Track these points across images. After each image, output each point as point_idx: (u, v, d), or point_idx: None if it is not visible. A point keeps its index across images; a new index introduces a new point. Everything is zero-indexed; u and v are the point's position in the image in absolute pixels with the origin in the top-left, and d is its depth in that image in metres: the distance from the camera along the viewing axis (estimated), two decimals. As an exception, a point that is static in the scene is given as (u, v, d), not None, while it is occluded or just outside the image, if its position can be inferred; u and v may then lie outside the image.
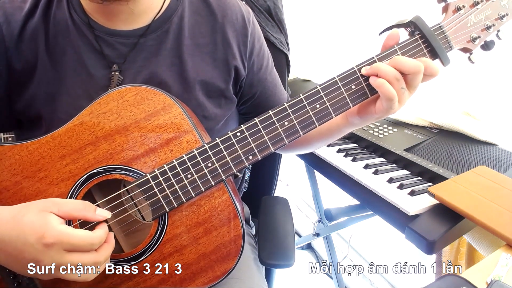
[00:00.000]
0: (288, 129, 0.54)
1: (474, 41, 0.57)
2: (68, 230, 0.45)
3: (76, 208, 0.47)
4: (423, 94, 0.93)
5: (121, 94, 0.54)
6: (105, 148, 0.53)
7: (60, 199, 0.49)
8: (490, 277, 0.48)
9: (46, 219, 0.45)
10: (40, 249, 0.44)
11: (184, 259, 0.55)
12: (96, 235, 0.47)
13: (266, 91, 0.71)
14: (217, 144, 0.53)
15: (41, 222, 0.44)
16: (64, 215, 0.47)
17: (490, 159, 0.79)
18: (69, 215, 0.47)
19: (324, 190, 1.43)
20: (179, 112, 0.54)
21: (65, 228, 0.45)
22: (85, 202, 0.49)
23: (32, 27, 0.58)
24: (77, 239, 0.45)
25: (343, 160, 0.90)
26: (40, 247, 0.44)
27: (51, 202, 0.47)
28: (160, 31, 0.61)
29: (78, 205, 0.48)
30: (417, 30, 0.54)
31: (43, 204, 0.46)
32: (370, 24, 1.25)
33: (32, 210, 0.45)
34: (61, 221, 0.46)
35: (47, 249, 0.44)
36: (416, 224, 0.66)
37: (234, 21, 0.64)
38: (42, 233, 0.44)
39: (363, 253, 1.63)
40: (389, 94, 0.51)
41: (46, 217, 0.45)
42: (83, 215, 0.48)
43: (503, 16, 0.57)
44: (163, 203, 0.53)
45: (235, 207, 0.55)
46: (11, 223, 0.45)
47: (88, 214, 0.48)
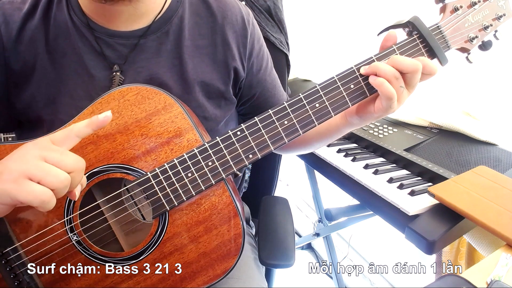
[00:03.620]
0: (288, 128, 0.54)
1: (471, 41, 0.57)
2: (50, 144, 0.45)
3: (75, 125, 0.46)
4: (423, 94, 0.93)
5: (122, 94, 0.54)
6: (106, 147, 0.54)
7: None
8: (490, 277, 0.48)
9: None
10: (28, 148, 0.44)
11: (184, 258, 0.55)
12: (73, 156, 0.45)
13: (265, 92, 0.71)
14: (218, 143, 0.53)
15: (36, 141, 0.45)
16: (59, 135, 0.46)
17: (490, 159, 0.79)
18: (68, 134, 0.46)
19: (324, 190, 1.43)
20: (180, 112, 0.54)
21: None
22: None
23: (31, 29, 0.58)
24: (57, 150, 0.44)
25: (343, 160, 0.90)
26: (29, 147, 0.44)
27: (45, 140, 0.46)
28: (160, 32, 0.61)
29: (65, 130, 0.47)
30: (415, 30, 0.54)
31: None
32: (369, 24, 1.25)
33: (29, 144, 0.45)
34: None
35: (33, 147, 0.44)
36: (416, 224, 0.66)
37: (234, 23, 0.64)
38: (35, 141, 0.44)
39: (363, 253, 1.63)
40: (389, 93, 0.51)
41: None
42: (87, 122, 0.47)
43: (500, 17, 0.58)
44: (164, 201, 0.53)
45: (235, 206, 0.55)
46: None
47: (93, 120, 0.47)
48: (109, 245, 0.59)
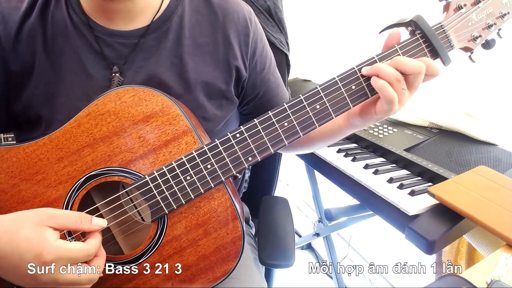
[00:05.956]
0: (288, 130, 0.53)
1: (475, 40, 0.56)
2: (65, 245, 0.44)
3: (72, 221, 0.47)
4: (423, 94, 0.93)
5: (119, 95, 0.53)
6: (103, 150, 0.53)
7: (55, 210, 0.47)
8: (490, 277, 0.48)
9: (42, 235, 0.44)
10: (38, 266, 0.43)
11: (183, 261, 0.55)
12: (91, 245, 0.47)
13: (269, 91, 0.71)
14: (216, 145, 0.53)
15: (38, 239, 0.43)
16: (60, 227, 0.46)
17: (490, 159, 0.79)
18: (65, 227, 0.47)
19: (324, 190, 1.43)
20: (178, 113, 0.54)
21: (62, 243, 0.44)
22: (81, 213, 0.49)
23: (29, 27, 0.57)
24: (75, 253, 0.44)
25: (343, 160, 0.89)
26: (38, 264, 0.43)
27: (47, 215, 0.46)
28: (160, 31, 0.60)
29: (73, 217, 0.47)
30: (418, 30, 0.53)
31: (38, 217, 0.45)
32: (370, 24, 1.25)
33: (27, 223, 0.44)
34: (57, 235, 0.45)
35: (46, 266, 0.43)
36: (416, 224, 0.65)
37: (235, 21, 0.64)
38: (39, 251, 0.43)
39: (363, 253, 1.63)
40: (390, 96, 0.50)
41: (42, 232, 0.44)
42: (80, 227, 0.47)
43: (504, 15, 0.57)
44: (162, 205, 0.53)
45: (234, 209, 0.54)
46: (5, 237, 0.43)
47: (84, 225, 0.48)
48: (108, 247, 0.58)
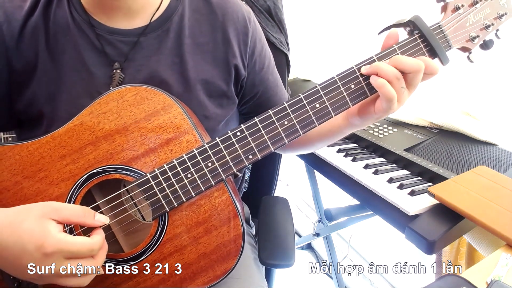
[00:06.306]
0: (288, 129, 0.54)
1: (473, 40, 0.57)
2: (68, 238, 0.44)
3: (75, 214, 0.47)
4: (423, 94, 0.93)
5: (121, 94, 0.54)
6: (105, 148, 0.53)
7: (59, 203, 0.48)
8: (490, 277, 0.48)
9: (45, 227, 0.44)
10: (39, 257, 0.43)
11: (184, 259, 0.55)
12: (95, 241, 0.47)
13: (268, 91, 0.71)
14: (217, 143, 0.53)
15: (40, 230, 0.44)
16: (63, 221, 0.46)
17: (490, 159, 0.79)
18: (68, 221, 0.47)
19: (324, 190, 1.43)
20: (179, 112, 0.54)
21: (64, 236, 0.44)
22: (84, 207, 0.49)
23: (31, 26, 0.58)
24: (77, 246, 0.45)
25: (343, 160, 0.90)
26: (39, 255, 0.43)
27: (50, 208, 0.46)
28: (161, 30, 0.61)
29: (77, 211, 0.47)
30: (416, 30, 0.54)
31: (42, 210, 0.45)
32: (369, 24, 1.25)
33: (31, 216, 0.45)
34: (60, 228, 0.45)
35: (47, 257, 0.43)
36: (416, 224, 0.65)
37: (235, 20, 0.64)
38: (41, 242, 0.43)
39: (363, 253, 1.63)
40: (389, 94, 0.51)
41: (45, 224, 0.44)
42: (82, 221, 0.48)
43: (502, 16, 0.57)
44: (163, 202, 0.53)
45: (235, 207, 0.55)
46: (8, 228, 0.44)
47: (87, 220, 0.48)
48: (109, 246, 0.58)
